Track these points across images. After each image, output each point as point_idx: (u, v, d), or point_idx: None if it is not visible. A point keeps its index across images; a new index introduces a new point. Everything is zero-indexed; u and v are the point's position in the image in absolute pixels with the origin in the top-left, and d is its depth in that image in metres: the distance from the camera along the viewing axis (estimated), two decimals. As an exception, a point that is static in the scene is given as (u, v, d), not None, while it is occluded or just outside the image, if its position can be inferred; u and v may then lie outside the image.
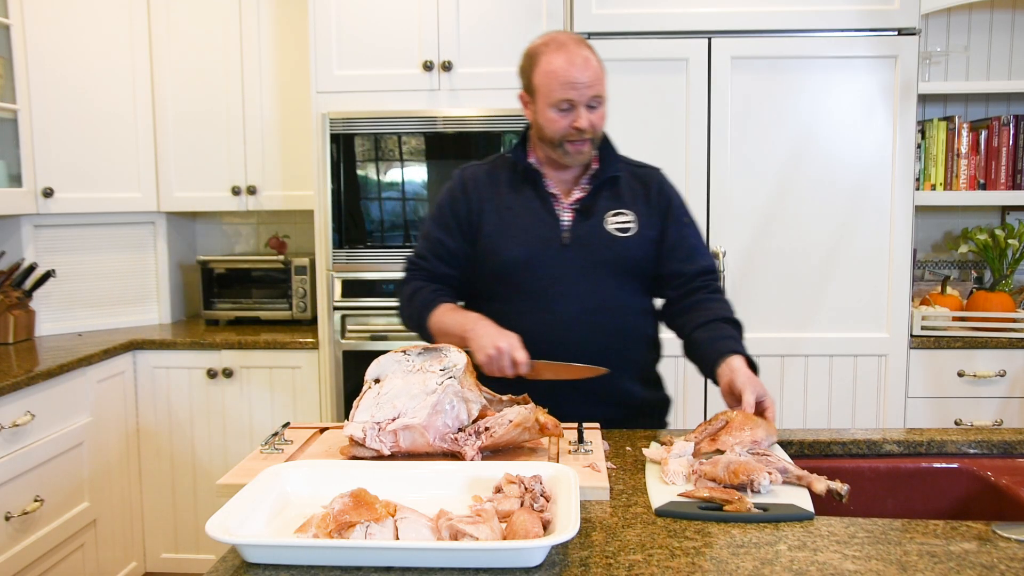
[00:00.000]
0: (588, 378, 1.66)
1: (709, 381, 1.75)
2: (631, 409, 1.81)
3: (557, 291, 1.76)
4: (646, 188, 1.83)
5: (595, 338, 1.75)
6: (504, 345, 1.59)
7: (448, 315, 1.74)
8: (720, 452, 1.43)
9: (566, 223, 1.78)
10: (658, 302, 1.90)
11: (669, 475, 1.37)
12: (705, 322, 1.73)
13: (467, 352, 1.57)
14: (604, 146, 1.83)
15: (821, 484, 1.29)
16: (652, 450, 1.49)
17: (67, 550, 2.58)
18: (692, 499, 1.27)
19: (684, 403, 2.85)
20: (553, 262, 1.76)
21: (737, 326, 1.75)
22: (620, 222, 1.78)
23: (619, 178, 1.81)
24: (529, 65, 1.76)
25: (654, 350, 1.90)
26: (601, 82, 1.71)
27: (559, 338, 1.73)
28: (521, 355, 1.60)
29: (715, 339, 1.69)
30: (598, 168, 1.81)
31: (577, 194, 1.80)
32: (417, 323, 1.81)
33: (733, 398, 1.57)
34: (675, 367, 2.77)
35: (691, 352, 1.77)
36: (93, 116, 3.13)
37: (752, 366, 1.64)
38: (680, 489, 1.32)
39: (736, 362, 1.61)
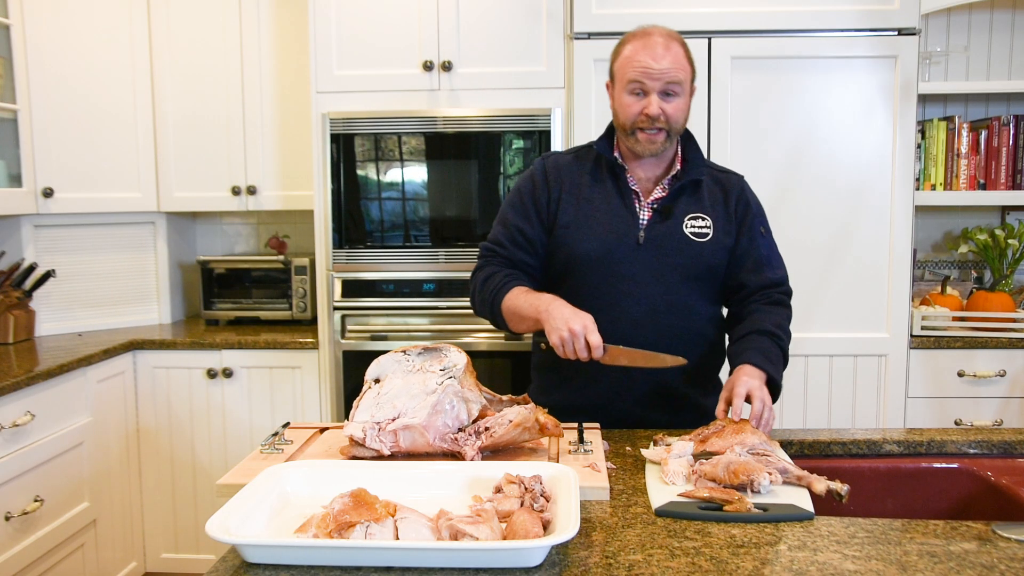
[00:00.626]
0: (663, 368, 1.63)
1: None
2: (690, 414, 1.79)
3: (626, 289, 1.74)
4: (726, 194, 1.81)
5: (660, 340, 1.73)
6: (578, 327, 1.56)
7: (521, 297, 1.70)
8: (713, 454, 1.43)
9: (643, 222, 1.76)
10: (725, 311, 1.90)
11: (669, 475, 1.36)
12: (741, 335, 1.72)
13: (469, 353, 1.58)
14: (690, 148, 1.81)
15: (821, 484, 1.29)
16: (651, 451, 1.49)
17: (67, 550, 2.58)
18: (692, 499, 1.27)
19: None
20: (626, 260, 1.74)
21: (775, 337, 1.71)
22: (697, 226, 1.76)
23: (701, 182, 1.79)
24: (615, 53, 1.76)
25: (718, 357, 1.88)
26: (681, 71, 1.68)
27: (623, 337, 1.71)
28: (595, 338, 1.56)
29: (739, 352, 1.68)
30: (681, 170, 1.79)
31: (658, 194, 1.78)
32: (490, 308, 1.76)
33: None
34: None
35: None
36: (93, 116, 3.13)
37: (772, 383, 1.62)
38: (680, 489, 1.32)
39: (745, 369, 1.60)
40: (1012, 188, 3.02)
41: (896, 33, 2.76)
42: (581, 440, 1.51)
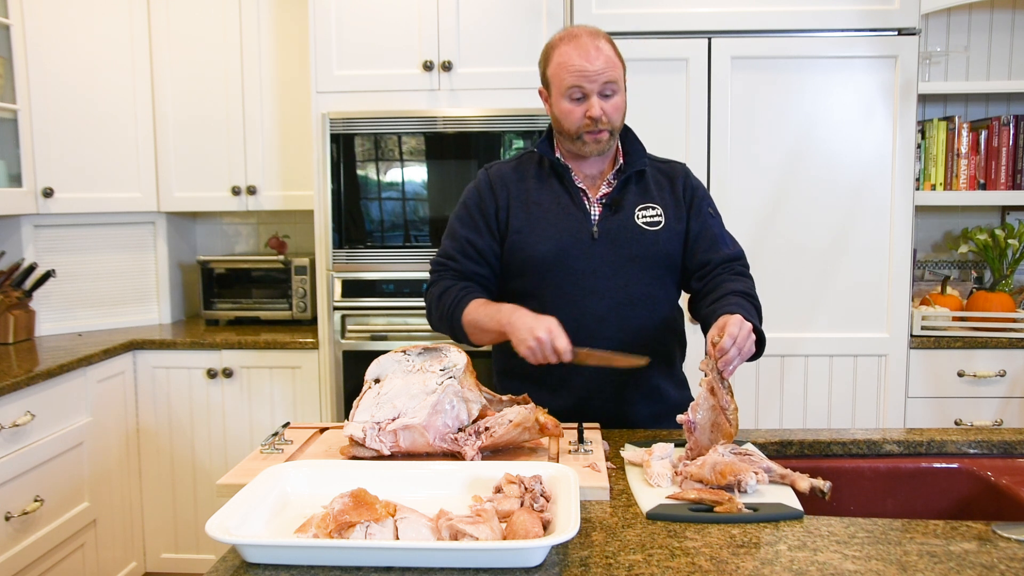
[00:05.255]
0: (628, 368, 1.62)
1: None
2: (665, 407, 1.79)
3: (587, 286, 1.74)
4: (672, 181, 1.83)
5: (627, 333, 1.73)
6: (543, 335, 1.56)
7: (480, 310, 1.69)
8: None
9: (595, 217, 1.77)
10: (684, 297, 1.89)
11: (653, 477, 1.36)
12: (715, 299, 1.70)
13: (469, 353, 1.57)
14: (630, 140, 1.82)
15: (804, 482, 1.29)
16: (629, 452, 1.49)
17: (67, 550, 2.58)
18: (681, 501, 1.27)
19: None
20: (583, 257, 1.74)
21: (749, 297, 1.69)
22: (648, 216, 1.77)
23: (645, 172, 1.81)
24: (545, 59, 1.76)
25: (682, 346, 1.89)
26: (615, 70, 1.69)
27: (591, 334, 1.71)
28: (562, 343, 1.56)
29: (717, 311, 1.64)
30: (624, 163, 1.80)
31: (604, 189, 1.79)
32: (449, 323, 1.74)
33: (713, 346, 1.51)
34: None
35: (705, 331, 1.73)
36: (93, 116, 3.13)
37: (758, 335, 1.57)
38: (666, 491, 1.32)
39: (732, 318, 1.52)
40: (1012, 188, 3.02)
41: (896, 33, 2.76)
42: (581, 440, 1.51)
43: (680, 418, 1.47)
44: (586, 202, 1.78)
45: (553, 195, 1.78)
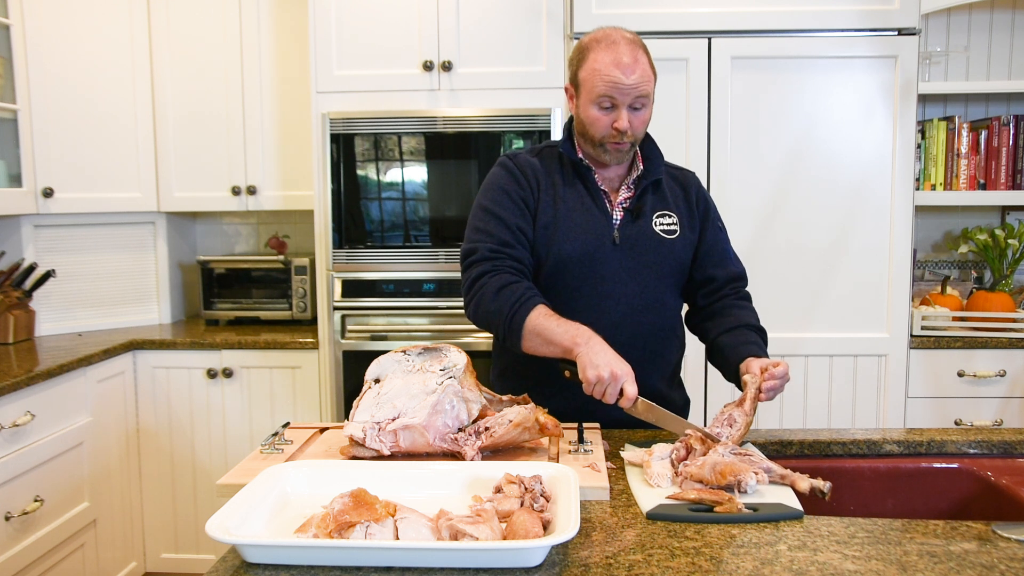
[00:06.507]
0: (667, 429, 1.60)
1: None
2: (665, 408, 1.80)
3: (605, 290, 1.74)
4: (685, 190, 1.84)
5: (638, 339, 1.73)
6: (620, 372, 1.50)
7: (551, 321, 1.60)
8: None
9: (616, 222, 1.76)
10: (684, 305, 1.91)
11: (653, 477, 1.36)
12: (730, 328, 1.73)
13: (469, 353, 1.57)
14: (649, 146, 1.82)
15: (805, 482, 1.29)
16: (629, 452, 1.49)
17: (67, 550, 2.58)
18: (681, 501, 1.27)
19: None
20: (604, 260, 1.74)
21: (761, 333, 1.75)
22: (666, 224, 1.78)
23: (661, 180, 1.80)
24: (577, 59, 1.73)
25: (682, 350, 1.91)
26: (648, 83, 1.68)
27: (604, 338, 1.68)
28: (632, 389, 1.51)
29: (739, 344, 1.68)
30: (644, 169, 1.79)
31: (624, 193, 1.78)
32: (505, 321, 1.63)
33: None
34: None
35: (714, 357, 1.78)
36: (93, 116, 3.13)
37: None
38: (666, 491, 1.32)
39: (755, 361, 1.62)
40: (1012, 188, 3.02)
41: (896, 33, 2.76)
42: (581, 440, 1.51)
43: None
44: (608, 206, 1.77)
45: (578, 195, 1.77)
